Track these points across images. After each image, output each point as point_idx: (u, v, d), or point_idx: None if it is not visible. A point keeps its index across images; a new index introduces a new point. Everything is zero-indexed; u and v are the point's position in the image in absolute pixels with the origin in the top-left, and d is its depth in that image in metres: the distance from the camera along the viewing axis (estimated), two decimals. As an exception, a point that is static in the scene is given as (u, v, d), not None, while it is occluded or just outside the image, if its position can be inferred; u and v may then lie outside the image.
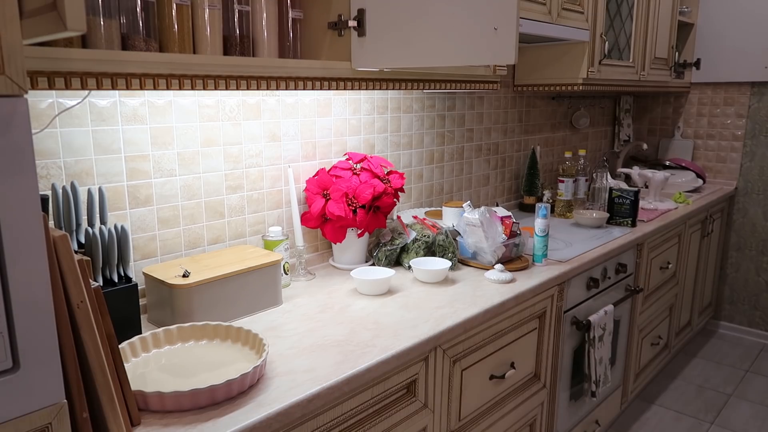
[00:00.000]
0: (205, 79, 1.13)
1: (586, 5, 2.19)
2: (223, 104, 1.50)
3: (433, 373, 1.35)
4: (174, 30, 1.20)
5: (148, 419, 0.94)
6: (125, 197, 1.35)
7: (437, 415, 1.38)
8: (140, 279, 1.34)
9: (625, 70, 2.58)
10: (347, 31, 1.40)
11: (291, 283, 1.61)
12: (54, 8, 0.70)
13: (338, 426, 1.13)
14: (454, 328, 1.34)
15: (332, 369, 1.11)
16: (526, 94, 2.65)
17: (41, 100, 1.18)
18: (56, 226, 1.16)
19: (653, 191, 2.75)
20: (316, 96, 1.72)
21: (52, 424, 0.75)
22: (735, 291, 3.35)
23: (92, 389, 0.84)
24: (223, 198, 1.54)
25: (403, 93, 2.02)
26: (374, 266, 1.69)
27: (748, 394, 2.76)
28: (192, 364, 1.11)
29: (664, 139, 3.50)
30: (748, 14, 3.07)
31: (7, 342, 0.70)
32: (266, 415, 0.96)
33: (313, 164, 1.75)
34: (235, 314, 1.36)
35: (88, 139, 1.27)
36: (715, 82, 3.27)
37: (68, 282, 0.81)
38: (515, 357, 1.64)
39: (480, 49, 1.23)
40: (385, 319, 1.36)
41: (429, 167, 2.17)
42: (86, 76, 0.97)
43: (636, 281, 2.33)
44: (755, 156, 3.19)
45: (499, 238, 1.74)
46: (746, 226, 3.26)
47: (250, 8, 1.34)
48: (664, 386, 2.83)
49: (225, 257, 1.43)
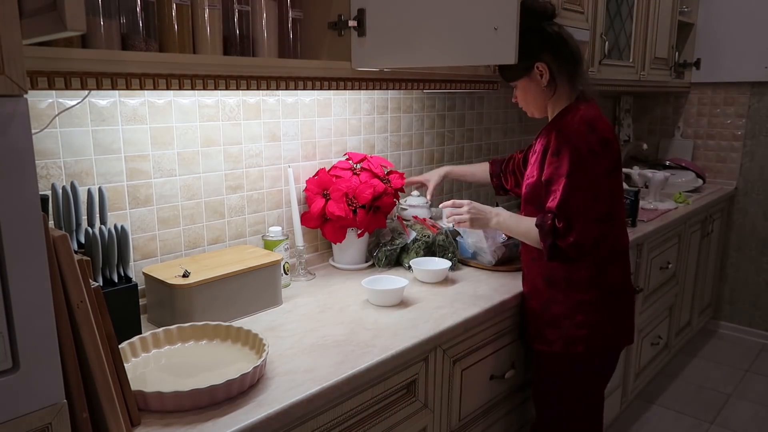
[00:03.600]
0: (205, 79, 1.13)
1: (586, 5, 2.19)
2: (223, 104, 1.50)
3: (433, 373, 1.34)
4: (174, 30, 1.20)
5: (148, 419, 0.94)
6: (125, 197, 1.35)
7: (437, 415, 1.38)
8: (140, 279, 1.34)
9: (625, 70, 2.58)
10: (347, 31, 1.40)
11: (291, 283, 1.61)
12: (54, 8, 0.70)
13: (338, 426, 1.13)
14: (454, 328, 1.34)
15: (332, 369, 1.11)
16: (526, 94, 2.64)
17: (41, 100, 1.18)
18: (56, 226, 1.16)
19: (653, 191, 2.75)
20: (316, 96, 1.72)
21: (52, 424, 0.75)
22: (735, 291, 3.35)
23: (92, 389, 0.84)
24: (223, 198, 1.54)
25: (403, 93, 2.02)
26: (386, 274, 1.61)
27: (748, 394, 2.76)
28: (192, 364, 1.11)
29: (664, 139, 3.50)
30: (748, 14, 3.07)
31: (7, 342, 0.70)
32: (266, 415, 0.96)
33: (313, 164, 1.75)
34: (235, 314, 1.35)
35: (88, 139, 1.27)
36: (715, 82, 3.27)
37: (68, 282, 0.81)
38: (515, 357, 1.64)
39: (480, 49, 1.23)
40: (385, 319, 1.36)
41: (429, 167, 2.17)
42: (86, 76, 0.97)
43: (636, 281, 2.33)
44: (755, 156, 3.19)
45: (499, 238, 1.74)
46: (746, 226, 3.26)
47: (250, 8, 1.34)
48: (664, 386, 2.83)
49: (225, 257, 1.42)
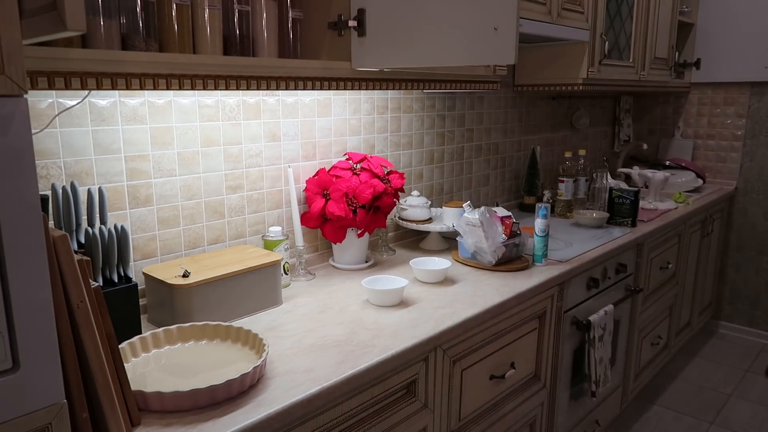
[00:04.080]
0: (205, 79, 1.13)
1: (586, 5, 2.19)
2: (223, 104, 1.50)
3: (433, 373, 1.34)
4: (174, 30, 1.20)
5: (148, 419, 0.94)
6: (125, 197, 1.35)
7: (437, 415, 1.38)
8: (140, 279, 1.34)
9: (625, 70, 2.58)
10: (347, 31, 1.40)
11: (291, 283, 1.61)
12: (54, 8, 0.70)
13: (338, 426, 1.13)
14: (454, 328, 1.34)
15: (332, 369, 1.11)
16: (526, 94, 2.65)
17: (41, 100, 1.18)
18: (56, 226, 1.16)
19: (653, 191, 2.75)
20: (316, 96, 1.72)
21: (52, 424, 0.75)
22: (735, 291, 3.35)
23: (92, 389, 0.84)
24: (223, 198, 1.54)
25: (403, 93, 2.02)
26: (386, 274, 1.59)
27: (748, 394, 2.76)
28: (192, 364, 1.11)
29: (664, 139, 3.50)
30: (748, 14, 3.07)
31: (7, 342, 0.70)
32: (266, 415, 0.96)
33: (313, 164, 1.75)
34: (235, 314, 1.35)
35: (88, 139, 1.27)
36: (715, 82, 3.27)
37: (68, 282, 0.81)
38: (515, 357, 1.64)
39: (480, 49, 1.23)
40: (385, 319, 1.36)
41: (429, 167, 2.17)
42: (86, 76, 0.97)
43: (636, 281, 2.33)
44: (755, 156, 3.19)
45: (499, 238, 1.74)
46: (746, 226, 3.26)
47: (250, 8, 1.34)
48: (664, 386, 2.83)
49: (225, 257, 1.42)
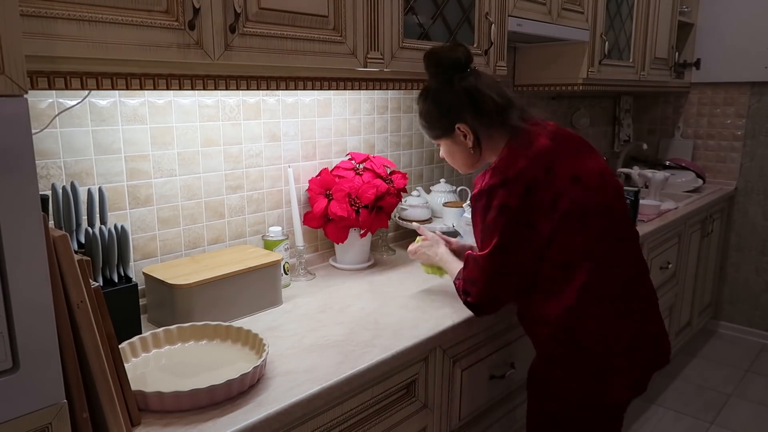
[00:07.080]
0: (205, 79, 1.13)
1: (586, 5, 2.19)
2: (223, 104, 1.50)
3: (433, 373, 1.34)
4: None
5: (148, 419, 0.94)
6: (125, 197, 1.35)
7: (437, 415, 1.38)
8: (140, 279, 1.34)
9: (625, 70, 2.58)
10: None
11: (291, 283, 1.61)
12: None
13: (338, 426, 1.13)
14: (454, 328, 1.34)
15: (332, 369, 1.11)
16: (526, 94, 2.65)
17: (41, 100, 1.18)
18: (56, 226, 1.16)
19: (653, 191, 2.75)
20: (316, 96, 1.72)
21: (52, 424, 0.75)
22: (735, 291, 3.35)
23: (92, 389, 0.84)
24: (223, 198, 1.54)
25: (403, 93, 2.02)
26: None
27: (748, 394, 2.76)
28: (192, 364, 1.11)
29: (664, 139, 3.50)
30: (748, 14, 3.07)
31: (7, 342, 0.69)
32: (266, 415, 0.96)
33: (313, 164, 1.75)
34: (235, 314, 1.35)
35: (88, 139, 1.27)
36: (715, 82, 3.27)
37: (68, 282, 0.81)
38: (515, 357, 1.64)
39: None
40: (385, 319, 1.36)
41: (429, 167, 2.17)
42: (86, 76, 0.97)
43: (636, 281, 2.33)
44: (755, 156, 3.19)
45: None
46: (746, 226, 3.26)
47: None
48: (664, 386, 2.83)
49: (225, 257, 1.42)
